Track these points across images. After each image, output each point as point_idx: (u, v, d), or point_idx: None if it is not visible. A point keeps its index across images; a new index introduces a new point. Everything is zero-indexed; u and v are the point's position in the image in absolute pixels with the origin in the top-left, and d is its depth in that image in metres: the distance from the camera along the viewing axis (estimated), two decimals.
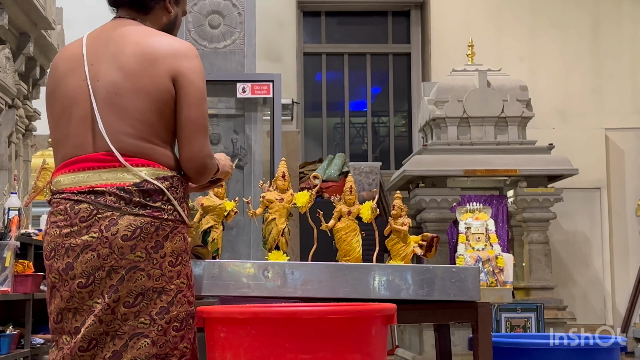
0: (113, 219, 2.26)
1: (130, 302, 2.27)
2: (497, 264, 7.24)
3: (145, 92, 2.31)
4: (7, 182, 5.95)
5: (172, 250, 2.32)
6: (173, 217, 2.33)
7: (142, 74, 2.32)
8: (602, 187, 9.93)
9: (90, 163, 2.31)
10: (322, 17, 11.28)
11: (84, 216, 2.28)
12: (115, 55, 2.35)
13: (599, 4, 10.48)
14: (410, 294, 2.76)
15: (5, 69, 5.85)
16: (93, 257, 2.26)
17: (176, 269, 2.33)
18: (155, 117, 2.32)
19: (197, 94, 2.36)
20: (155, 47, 2.36)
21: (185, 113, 2.34)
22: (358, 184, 8.92)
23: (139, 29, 2.43)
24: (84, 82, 2.35)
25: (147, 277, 2.28)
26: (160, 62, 2.33)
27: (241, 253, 6.07)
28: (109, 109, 2.31)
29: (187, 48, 2.41)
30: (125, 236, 2.26)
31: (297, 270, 2.75)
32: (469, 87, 8.26)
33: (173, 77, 2.34)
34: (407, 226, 3.04)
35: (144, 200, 2.29)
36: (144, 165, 2.31)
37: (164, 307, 2.29)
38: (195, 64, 2.39)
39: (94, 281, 2.26)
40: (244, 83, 6.16)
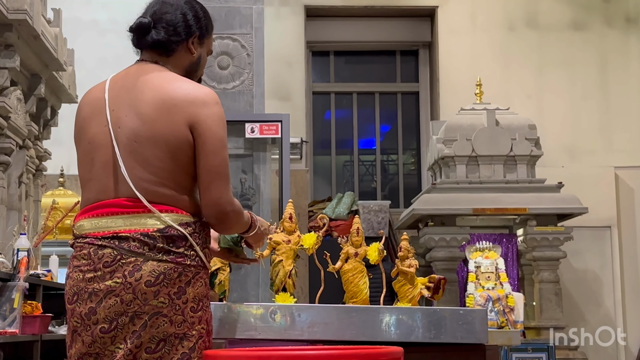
0: (137, 264, 2.26)
1: (152, 348, 2.26)
2: (507, 303, 7.21)
3: (163, 140, 2.31)
4: (17, 222, 5.97)
5: (194, 295, 2.32)
6: (195, 263, 2.33)
7: (159, 122, 2.32)
8: (613, 225, 9.88)
9: (113, 208, 2.32)
10: (330, 56, 11.37)
11: (107, 261, 2.28)
12: (135, 101, 2.36)
13: (606, 41, 10.53)
14: (418, 336, 2.75)
15: (16, 110, 5.91)
16: (116, 302, 2.25)
17: (197, 314, 2.33)
18: (174, 164, 2.33)
19: (215, 141, 2.35)
20: (173, 94, 2.35)
21: (204, 161, 2.34)
22: (367, 222, 8.90)
23: (160, 74, 2.42)
24: (105, 127, 2.36)
25: (170, 323, 2.27)
26: (178, 110, 2.33)
27: (250, 293, 6.07)
28: (130, 156, 2.32)
29: (205, 95, 2.39)
30: (148, 282, 2.25)
31: (304, 312, 2.75)
32: (477, 125, 8.28)
33: (190, 125, 2.33)
34: (414, 268, 3.03)
35: (168, 246, 2.29)
36: (167, 211, 2.32)
37: (185, 353, 2.29)
38: (213, 110, 2.37)
39: (116, 327, 2.26)
40: (253, 123, 6.21)
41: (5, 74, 5.74)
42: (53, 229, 6.07)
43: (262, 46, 6.59)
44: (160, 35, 2.46)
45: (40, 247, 6.13)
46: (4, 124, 5.73)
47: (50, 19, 6.54)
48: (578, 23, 10.58)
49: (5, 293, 4.80)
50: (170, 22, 2.47)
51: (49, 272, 5.62)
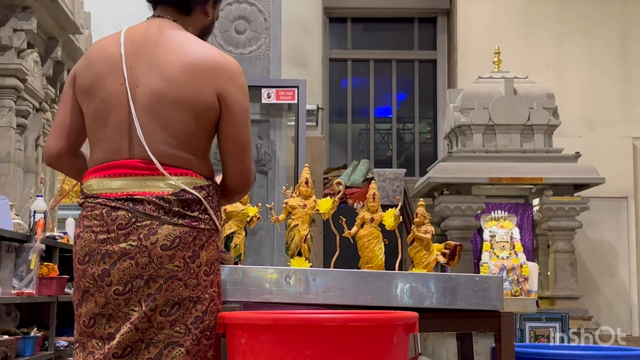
0: (152, 227, 2.25)
1: (167, 311, 2.26)
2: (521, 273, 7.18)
3: (189, 104, 2.28)
4: (34, 185, 6.00)
5: (207, 259, 2.32)
6: (209, 227, 2.33)
7: (186, 85, 2.28)
8: (629, 196, 9.83)
9: (127, 169, 2.29)
10: (348, 23, 11.29)
11: (121, 223, 2.26)
12: (157, 61, 2.30)
13: (627, 10, 10.39)
14: (432, 302, 2.74)
15: (33, 73, 5.91)
16: (131, 265, 2.25)
17: (210, 278, 2.34)
18: (197, 128, 2.31)
19: (244, 113, 2.35)
20: (202, 60, 2.31)
21: (234, 132, 2.34)
22: (382, 190, 8.90)
23: (183, 35, 2.37)
24: (122, 86, 2.29)
25: (185, 287, 2.27)
26: (208, 77, 2.30)
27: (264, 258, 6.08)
28: (150, 116, 2.28)
29: (233, 65, 2.37)
30: (164, 245, 2.25)
31: (319, 277, 2.74)
32: (495, 94, 8.21)
33: (219, 94, 2.31)
34: (430, 234, 3.02)
35: (183, 210, 2.28)
36: (182, 174, 2.30)
37: (198, 317, 2.30)
38: (241, 82, 2.36)
39: (131, 289, 2.26)
40: (269, 89, 6.18)
41: (22, 36, 5.74)
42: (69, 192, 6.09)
43: (279, 11, 6.53)
44: None
45: (56, 210, 6.16)
46: (20, 87, 5.73)
47: None
48: None
49: (22, 254, 4.84)
50: None
51: (65, 234, 5.66)
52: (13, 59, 5.67)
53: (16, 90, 5.71)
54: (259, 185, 6.31)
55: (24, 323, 5.10)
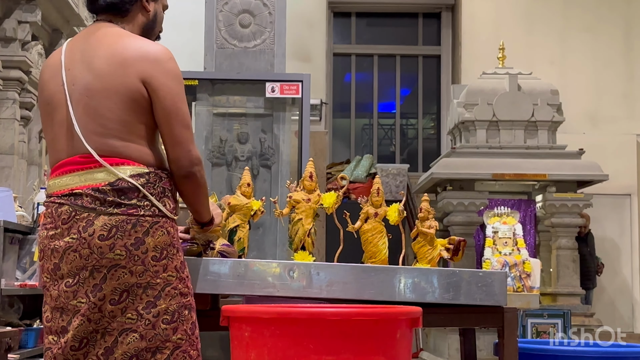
0: (89, 219, 2.30)
1: (116, 299, 2.30)
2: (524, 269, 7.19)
3: (114, 91, 2.33)
4: (37, 177, 6.01)
5: (154, 245, 2.34)
6: (151, 213, 2.34)
7: (111, 75, 2.34)
8: (633, 193, 9.82)
9: (70, 166, 2.36)
10: (352, 17, 11.27)
11: (64, 218, 2.33)
12: (88, 58, 2.39)
13: (632, 7, 10.37)
14: (436, 297, 2.74)
15: (37, 65, 5.91)
16: (76, 257, 2.31)
17: (161, 262, 2.35)
18: (127, 115, 2.35)
19: (173, 96, 2.37)
20: (125, 49, 2.37)
21: (165, 116, 2.36)
22: (385, 185, 8.89)
23: (113, 31, 2.44)
24: (61, 87, 2.39)
25: (130, 274, 2.31)
26: (130, 64, 2.35)
27: (267, 252, 6.07)
28: (82, 110, 2.35)
29: (158, 51, 2.40)
30: (102, 236, 2.29)
31: (323, 271, 2.74)
32: (499, 90, 8.20)
33: (143, 80, 2.34)
34: (434, 229, 3.02)
35: (119, 199, 2.32)
36: (117, 164, 2.34)
37: (150, 302, 2.32)
38: (168, 66, 2.38)
39: (78, 281, 2.31)
40: (273, 83, 6.16)
41: (26, 28, 5.74)
42: None
43: (284, 5, 6.51)
44: None
45: None
46: (25, 79, 5.73)
47: None
48: None
49: (26, 246, 4.85)
50: None
51: None
52: (17, 51, 5.68)
53: (20, 83, 5.71)
54: (263, 179, 6.30)
55: (26, 315, 5.10)
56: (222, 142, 6.20)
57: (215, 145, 6.20)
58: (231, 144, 6.24)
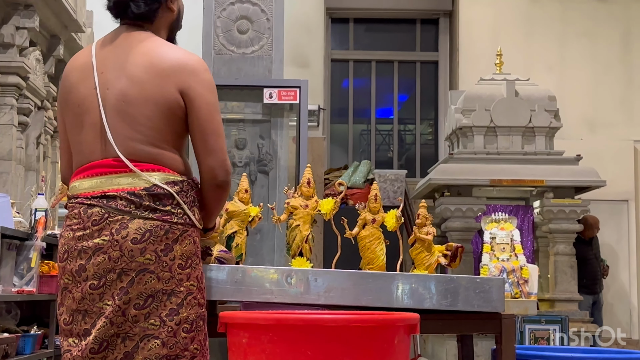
0: (123, 222, 2.31)
1: (141, 304, 2.31)
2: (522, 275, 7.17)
3: (152, 100, 2.36)
4: (35, 183, 6.00)
5: (181, 253, 2.35)
6: (182, 221, 2.37)
7: (148, 84, 2.36)
8: (630, 199, 9.82)
9: (102, 169, 2.37)
10: (350, 23, 11.29)
11: (95, 219, 2.33)
12: (124, 63, 2.40)
13: (630, 12, 10.39)
14: (433, 303, 2.75)
15: (35, 71, 5.91)
16: (104, 259, 2.31)
17: (186, 271, 2.36)
18: (163, 124, 2.37)
19: (209, 106, 2.41)
20: (163, 59, 2.40)
21: (202, 125, 2.39)
22: (383, 191, 8.89)
23: (149, 38, 2.46)
24: (94, 90, 2.40)
25: (157, 280, 2.32)
26: (169, 75, 2.37)
27: (265, 258, 6.07)
28: (118, 116, 2.36)
29: (195, 62, 2.44)
30: (135, 239, 2.30)
31: (321, 277, 2.75)
32: (496, 96, 8.21)
33: (181, 90, 2.38)
34: (431, 235, 3.02)
35: (154, 204, 2.33)
36: (153, 170, 2.36)
37: (173, 309, 2.33)
38: (203, 77, 2.42)
39: (105, 283, 2.31)
40: (271, 89, 6.17)
41: (24, 34, 5.74)
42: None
43: (282, 11, 6.53)
44: (141, 9, 2.48)
45: (57, 208, 6.16)
46: (22, 85, 5.73)
47: None
48: None
49: (23, 252, 4.84)
50: None
51: None
52: (15, 57, 5.68)
53: (18, 88, 5.71)
54: (260, 185, 6.31)
55: (24, 321, 5.10)
56: None
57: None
58: (229, 149, 6.24)
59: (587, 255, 8.36)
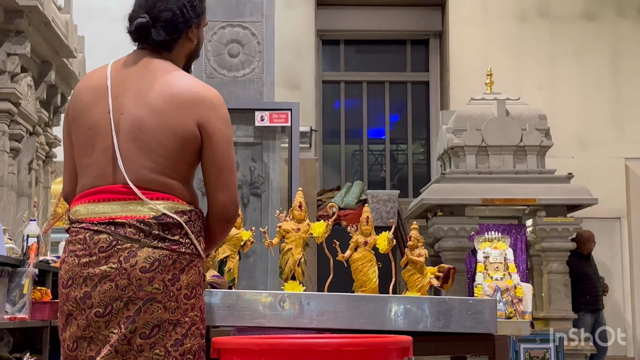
0: (132, 250, 2.29)
1: (147, 334, 2.29)
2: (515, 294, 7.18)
3: (170, 131, 2.34)
4: (27, 208, 5.99)
5: (187, 283, 2.34)
6: (190, 251, 2.36)
7: (168, 114, 2.35)
8: (622, 216, 9.85)
9: (110, 194, 2.35)
10: (341, 45, 11.34)
11: (103, 246, 2.31)
12: (141, 91, 2.38)
13: (618, 31, 10.46)
14: (426, 325, 2.75)
15: (27, 97, 5.92)
16: (111, 287, 2.28)
17: (191, 301, 2.35)
18: (177, 154, 2.36)
19: (226, 141, 2.41)
20: (183, 91, 2.38)
21: (218, 160, 2.40)
22: (376, 212, 8.90)
23: (167, 67, 2.45)
24: (107, 114, 2.38)
25: (164, 309, 2.30)
26: (188, 107, 2.37)
27: (259, 281, 6.07)
28: (132, 142, 2.34)
29: (214, 96, 2.44)
30: (143, 268, 2.28)
31: (313, 300, 2.74)
32: (487, 115, 8.25)
33: (200, 124, 2.37)
34: (423, 257, 3.02)
35: (163, 234, 2.32)
36: (163, 199, 2.35)
37: (178, 340, 2.31)
38: (222, 112, 2.43)
39: (111, 311, 2.29)
40: (263, 111, 6.19)
41: (15, 60, 5.75)
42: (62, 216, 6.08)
43: (272, 34, 6.57)
44: (161, 37, 2.46)
45: (49, 234, 6.15)
46: (14, 111, 5.74)
47: (60, 6, 6.54)
48: (590, 13, 10.52)
49: (15, 279, 4.82)
50: (169, 21, 2.46)
51: (58, 258, 5.64)
52: (7, 83, 5.68)
53: (10, 114, 5.71)
54: (253, 208, 6.31)
55: (16, 348, 5.06)
56: None
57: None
58: None
59: (587, 271, 8.33)
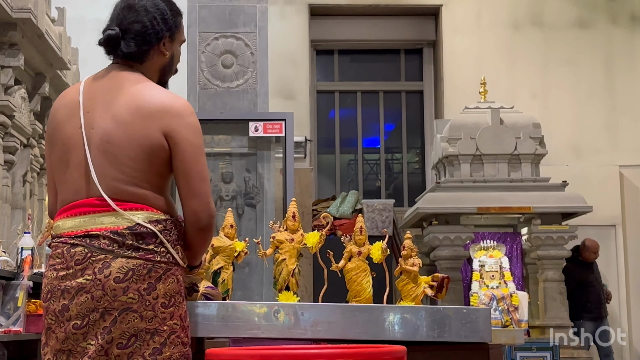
0: (106, 261, 2.31)
1: (124, 344, 2.30)
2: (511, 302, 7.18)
3: (136, 142, 2.37)
4: (22, 221, 5.98)
5: (164, 291, 2.35)
6: (166, 260, 2.37)
7: (133, 125, 2.37)
8: (617, 224, 9.86)
9: (86, 208, 2.38)
10: (335, 55, 11.36)
11: (79, 259, 2.34)
12: (109, 104, 2.41)
13: (612, 39, 10.50)
14: (421, 335, 2.74)
15: (20, 109, 5.91)
16: (87, 299, 2.31)
17: (169, 310, 2.36)
18: (147, 165, 2.38)
19: (194, 149, 2.42)
20: (148, 102, 2.41)
21: (186, 168, 2.41)
22: (371, 221, 8.88)
23: (135, 77, 2.47)
24: (79, 129, 2.41)
25: (140, 319, 2.31)
26: (154, 118, 2.38)
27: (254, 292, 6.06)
28: (102, 156, 2.38)
29: (180, 105, 2.45)
30: (117, 278, 2.30)
31: (307, 311, 2.74)
32: (481, 124, 8.26)
33: (166, 134, 2.39)
34: (417, 267, 3.02)
35: (137, 243, 2.34)
36: (137, 209, 2.37)
37: (156, 348, 2.32)
38: (189, 121, 2.43)
39: (88, 323, 2.31)
40: (257, 122, 6.21)
41: (9, 72, 5.75)
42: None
43: (266, 45, 6.58)
44: (131, 48, 2.49)
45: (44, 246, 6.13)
46: (8, 123, 5.73)
47: (54, 18, 6.55)
48: (583, 21, 10.56)
49: (10, 292, 4.81)
50: (138, 33, 2.49)
51: None
52: (0, 96, 5.68)
53: (3, 127, 5.71)
54: (248, 219, 6.31)
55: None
56: None
57: None
58: (215, 183, 6.25)
59: (589, 278, 8.32)
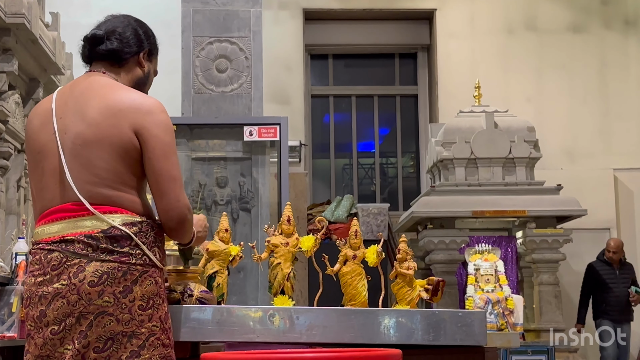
0: (81, 266, 2.31)
1: (100, 347, 2.30)
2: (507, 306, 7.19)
3: (107, 142, 2.37)
4: (16, 226, 5.96)
5: (142, 294, 2.35)
6: (142, 262, 2.37)
7: (103, 125, 2.38)
8: (612, 227, 9.87)
9: (61, 214, 2.38)
10: (329, 59, 11.36)
11: (54, 264, 2.34)
12: (81, 107, 2.42)
13: (605, 43, 10.53)
14: (416, 338, 2.74)
15: (14, 114, 5.90)
16: (63, 304, 2.30)
17: (147, 312, 2.36)
18: (120, 166, 2.38)
19: (164, 146, 2.41)
20: (118, 101, 2.41)
21: (155, 166, 2.40)
22: (366, 225, 8.89)
23: (106, 81, 2.49)
24: (53, 135, 2.42)
25: (116, 322, 2.31)
26: (123, 115, 2.38)
27: (249, 296, 6.05)
28: (75, 160, 2.38)
29: (151, 104, 2.45)
30: (92, 282, 2.30)
31: (303, 315, 2.74)
32: (476, 128, 8.28)
33: (135, 130, 2.38)
34: (412, 270, 3.02)
35: (111, 247, 2.33)
36: (111, 212, 2.37)
37: (134, 351, 2.32)
38: (159, 118, 2.43)
39: (65, 328, 2.31)
40: (251, 126, 6.19)
41: (3, 78, 5.74)
42: None
43: (260, 49, 6.58)
44: (113, 45, 2.52)
45: None
46: (2, 128, 5.72)
47: (48, 23, 6.54)
48: (577, 26, 10.58)
49: (4, 297, 4.79)
50: (123, 35, 2.55)
51: None
52: None
53: None
54: (243, 223, 6.30)
55: None
56: (201, 186, 6.21)
57: (194, 189, 6.20)
58: (210, 188, 6.25)
59: (605, 279, 8.24)
